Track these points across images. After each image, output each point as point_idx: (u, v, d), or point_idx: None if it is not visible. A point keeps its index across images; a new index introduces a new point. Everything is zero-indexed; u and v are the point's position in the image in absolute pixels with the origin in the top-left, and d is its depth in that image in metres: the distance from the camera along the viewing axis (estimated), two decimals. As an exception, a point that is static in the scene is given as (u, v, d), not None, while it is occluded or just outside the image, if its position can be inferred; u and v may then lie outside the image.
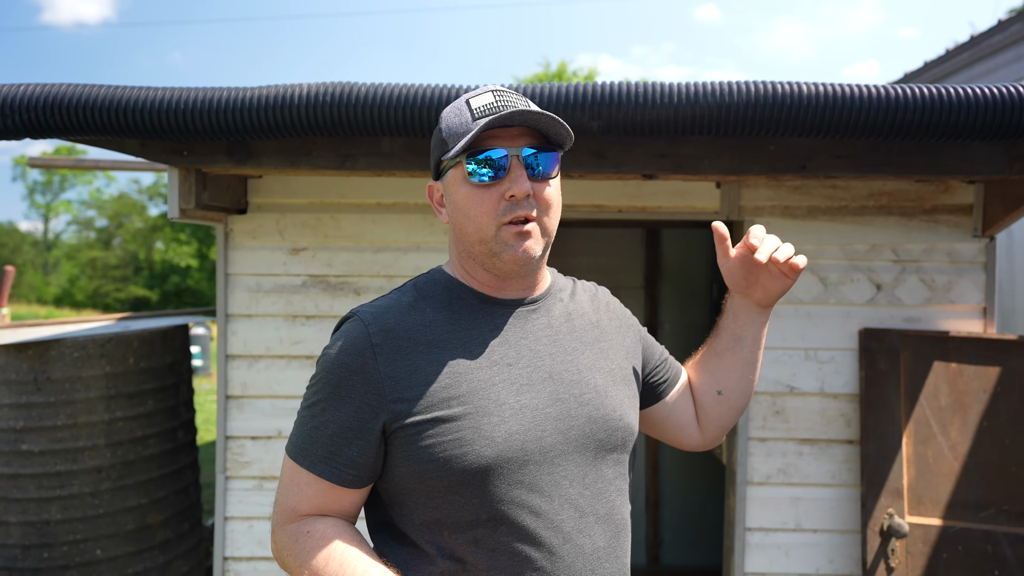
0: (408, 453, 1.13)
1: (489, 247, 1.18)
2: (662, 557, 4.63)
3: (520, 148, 1.17)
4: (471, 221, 1.18)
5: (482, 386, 1.15)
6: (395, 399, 1.13)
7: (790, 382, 3.00)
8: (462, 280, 1.26)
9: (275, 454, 3.05)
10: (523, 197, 1.16)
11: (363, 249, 3.07)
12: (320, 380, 1.18)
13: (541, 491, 1.14)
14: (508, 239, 1.17)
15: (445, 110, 1.23)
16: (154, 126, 2.18)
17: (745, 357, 1.39)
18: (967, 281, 2.99)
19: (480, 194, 1.17)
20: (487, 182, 1.16)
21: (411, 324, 1.18)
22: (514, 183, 1.15)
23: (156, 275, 33.45)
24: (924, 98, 2.11)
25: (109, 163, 4.95)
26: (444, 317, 1.20)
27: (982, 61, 5.90)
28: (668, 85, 2.16)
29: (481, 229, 1.18)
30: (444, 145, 1.21)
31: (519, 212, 1.16)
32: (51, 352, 3.26)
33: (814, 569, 2.99)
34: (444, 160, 1.21)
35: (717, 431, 1.46)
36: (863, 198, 2.99)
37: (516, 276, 1.23)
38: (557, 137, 1.20)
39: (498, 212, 1.16)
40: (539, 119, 1.16)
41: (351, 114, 2.15)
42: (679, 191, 3.03)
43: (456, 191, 1.20)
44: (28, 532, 3.28)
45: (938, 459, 2.82)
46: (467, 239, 1.21)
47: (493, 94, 1.20)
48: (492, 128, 1.16)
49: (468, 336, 1.19)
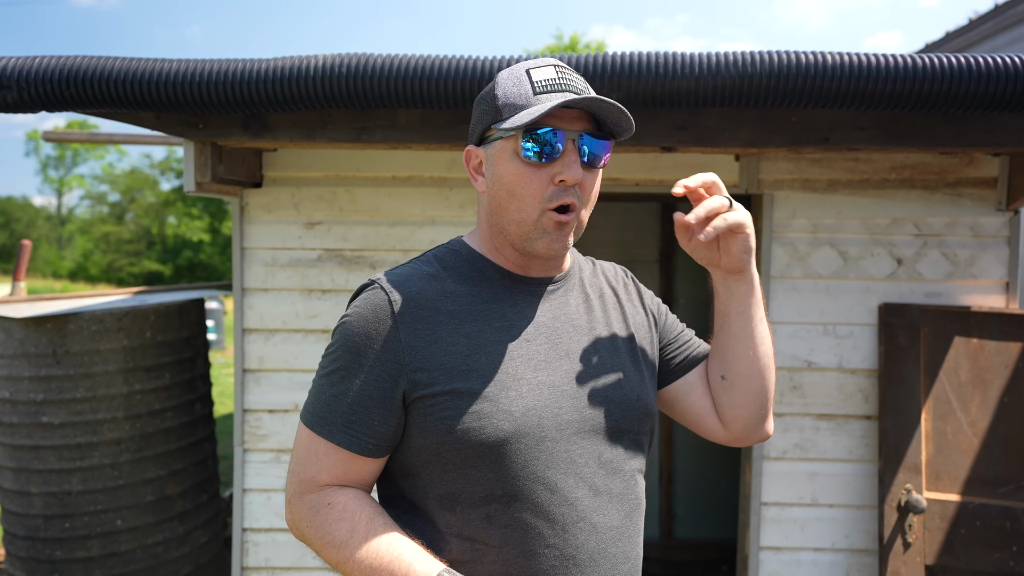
0: (425, 424, 1.12)
1: (527, 230, 1.15)
2: (675, 531, 4.64)
3: (578, 132, 1.12)
4: (514, 199, 1.14)
5: (501, 360, 1.14)
6: (415, 368, 1.12)
7: (808, 357, 2.98)
8: (486, 254, 1.23)
9: (292, 427, 3.07)
10: (573, 184, 1.12)
11: (378, 223, 3.06)
12: (339, 348, 1.15)
13: (557, 467, 1.13)
14: (548, 227, 1.14)
15: (501, 75, 1.17)
16: (169, 98, 2.16)
17: (735, 334, 1.28)
18: (990, 255, 2.94)
19: (529, 173, 1.12)
20: (539, 162, 1.11)
21: (432, 294, 1.16)
22: (567, 168, 1.11)
23: (169, 249, 33.66)
24: (951, 68, 2.06)
25: (123, 137, 4.96)
26: (465, 290, 1.19)
27: (1006, 31, 5.77)
28: (689, 55, 2.12)
29: (523, 209, 1.14)
30: (498, 113, 1.14)
31: (565, 199, 1.12)
32: (69, 325, 3.27)
33: (830, 544, 2.99)
34: (494, 129, 1.15)
35: (736, 422, 1.33)
36: (885, 171, 2.94)
37: (543, 260, 1.21)
38: (616, 128, 1.16)
39: (544, 196, 1.13)
40: (609, 110, 1.11)
41: (367, 86, 2.13)
42: (697, 164, 2.99)
43: (503, 164, 1.15)
44: (50, 502, 3.33)
45: (957, 435, 2.80)
46: (504, 215, 1.17)
47: (555, 68, 1.15)
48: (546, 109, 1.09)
49: (489, 310, 1.18)
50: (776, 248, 2.98)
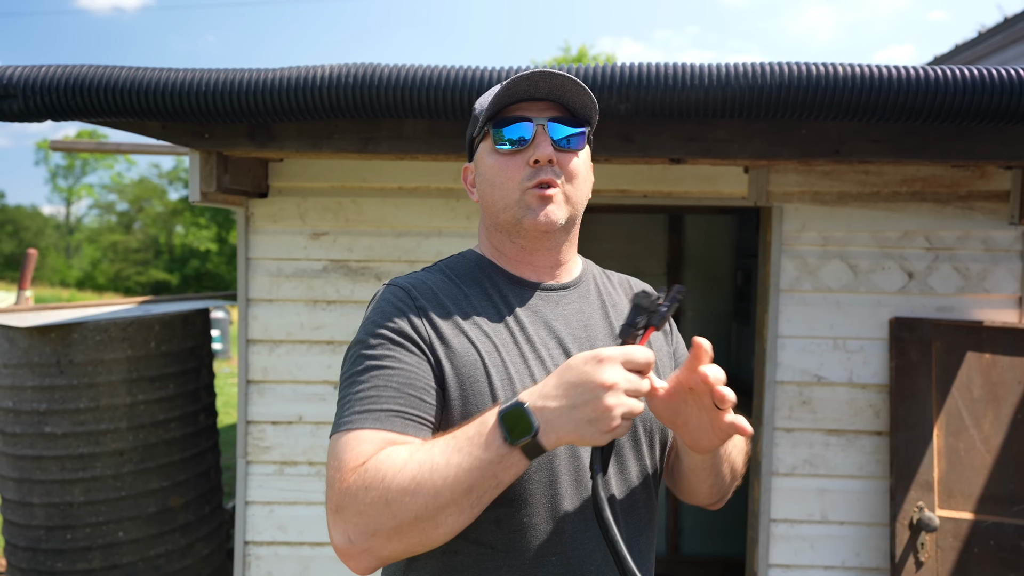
0: (441, 419, 1.12)
1: (513, 213, 1.19)
2: (682, 546, 4.59)
3: (546, 119, 1.18)
4: (496, 189, 1.20)
5: (514, 361, 1.14)
6: (438, 360, 1.12)
7: (817, 371, 2.94)
8: (491, 259, 1.26)
9: (295, 439, 3.04)
10: (545, 161, 1.16)
11: (384, 234, 3.04)
12: (369, 344, 1.12)
13: (566, 475, 1.12)
14: (531, 203, 1.17)
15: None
16: (175, 108, 2.15)
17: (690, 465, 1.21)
18: (1002, 270, 2.91)
19: (505, 161, 1.19)
20: (512, 149, 1.18)
21: (448, 292, 1.19)
22: (537, 148, 1.17)
23: (176, 259, 33.75)
24: (964, 80, 2.04)
25: (130, 146, 4.95)
26: (476, 292, 1.21)
27: (1015, 44, 5.75)
28: (699, 66, 2.10)
29: (506, 195, 1.19)
30: (475, 122, 1.25)
31: (542, 177, 1.17)
32: (73, 335, 3.26)
33: (840, 562, 2.94)
34: (475, 136, 1.24)
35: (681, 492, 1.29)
36: (896, 184, 2.91)
37: (541, 247, 1.22)
38: (583, 110, 1.20)
39: (522, 177, 1.17)
40: (562, 83, 1.16)
41: (374, 96, 2.11)
42: (706, 176, 2.96)
43: (483, 162, 1.22)
44: (52, 513, 3.31)
45: (970, 452, 2.75)
46: (494, 208, 1.21)
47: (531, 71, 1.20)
48: (520, 101, 1.19)
49: (502, 311, 1.19)
50: (786, 261, 2.95)
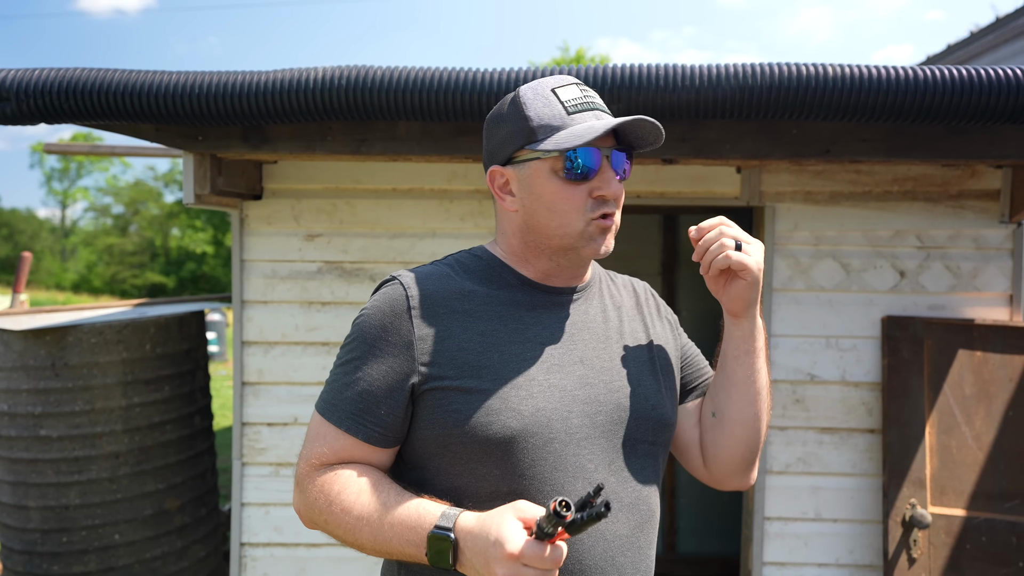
0: (433, 417, 1.13)
1: (572, 241, 1.20)
2: (678, 545, 4.61)
3: (609, 149, 1.18)
4: (556, 215, 1.18)
5: (513, 359, 1.15)
6: (425, 362, 1.14)
7: (810, 370, 2.96)
8: (509, 263, 1.26)
9: (291, 441, 3.05)
10: (612, 198, 1.19)
11: (379, 235, 3.05)
12: (355, 339, 1.19)
13: (564, 471, 1.13)
14: (595, 234, 1.19)
15: (525, 95, 1.19)
16: (168, 110, 2.16)
17: (729, 376, 1.28)
18: (993, 268, 2.92)
19: (571, 190, 1.17)
20: (579, 180, 1.17)
21: (449, 291, 1.19)
22: (606, 184, 1.18)
23: (172, 261, 33.70)
24: (954, 80, 2.05)
25: (125, 149, 4.95)
26: (483, 290, 1.21)
27: (1008, 43, 5.78)
28: (690, 67, 2.11)
29: (568, 224, 1.18)
30: (532, 134, 1.17)
31: (606, 210, 1.19)
32: (68, 338, 3.26)
33: (834, 559, 2.96)
34: (529, 149, 1.18)
35: (717, 464, 1.33)
36: (887, 183, 2.93)
37: (582, 265, 1.26)
38: (639, 143, 1.23)
39: (586, 208, 1.18)
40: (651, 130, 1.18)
41: (367, 98, 2.12)
42: (699, 176, 2.98)
43: (541, 184, 1.18)
44: (47, 516, 3.31)
45: (962, 449, 2.77)
46: (544, 231, 1.20)
47: (577, 87, 1.20)
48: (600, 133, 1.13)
49: (504, 311, 1.20)
50: (778, 260, 2.97)
